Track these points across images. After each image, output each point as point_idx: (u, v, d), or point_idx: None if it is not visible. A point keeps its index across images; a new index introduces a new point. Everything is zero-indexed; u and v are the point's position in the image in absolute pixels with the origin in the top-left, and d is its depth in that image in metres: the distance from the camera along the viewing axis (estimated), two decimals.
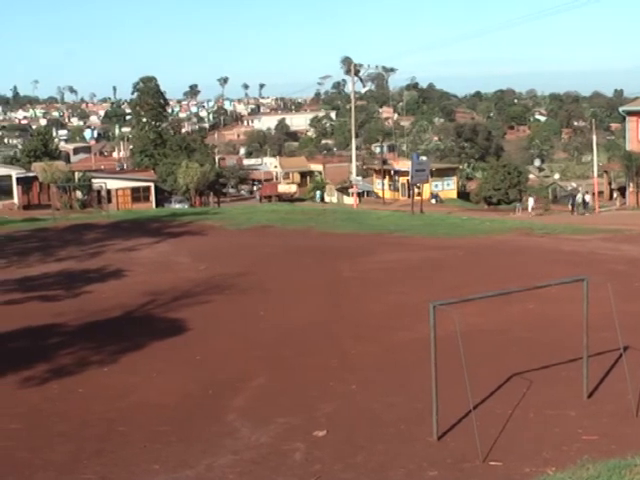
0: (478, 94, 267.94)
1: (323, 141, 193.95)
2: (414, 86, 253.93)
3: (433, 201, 78.25)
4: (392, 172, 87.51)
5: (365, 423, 14.26)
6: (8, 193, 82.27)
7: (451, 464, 12.28)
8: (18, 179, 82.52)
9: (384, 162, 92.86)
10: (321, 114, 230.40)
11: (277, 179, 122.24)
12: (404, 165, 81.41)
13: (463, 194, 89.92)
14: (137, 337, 20.70)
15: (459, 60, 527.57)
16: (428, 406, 13.34)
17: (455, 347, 13.10)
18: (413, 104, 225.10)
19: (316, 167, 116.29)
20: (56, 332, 21.83)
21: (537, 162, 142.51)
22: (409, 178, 67.66)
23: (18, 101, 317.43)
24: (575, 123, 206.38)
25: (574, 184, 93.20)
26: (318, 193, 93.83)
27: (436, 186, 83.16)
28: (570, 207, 68.59)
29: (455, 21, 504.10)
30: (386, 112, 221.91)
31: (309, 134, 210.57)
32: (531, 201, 68.75)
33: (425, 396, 13.75)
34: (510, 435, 13.24)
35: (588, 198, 69.98)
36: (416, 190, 66.57)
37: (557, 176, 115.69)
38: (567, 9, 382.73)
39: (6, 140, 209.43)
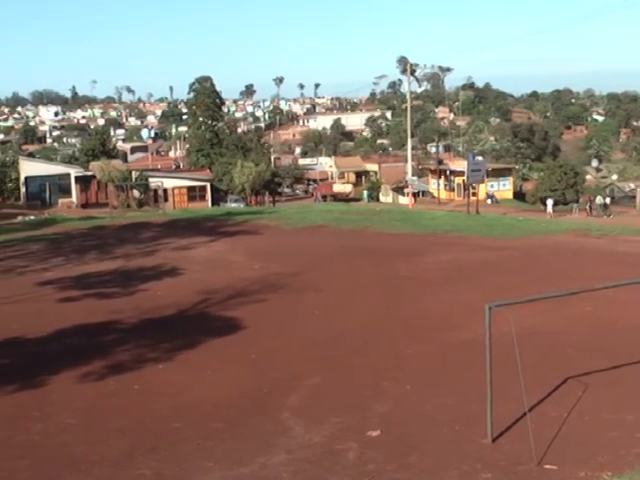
0: (535, 94, 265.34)
1: (378, 141, 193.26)
2: (470, 86, 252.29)
3: (489, 201, 77.56)
4: (448, 172, 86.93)
5: (419, 424, 14.21)
6: (67, 192, 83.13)
7: (505, 467, 12.20)
8: (76, 178, 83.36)
9: (440, 162, 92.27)
10: (376, 114, 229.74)
11: (332, 179, 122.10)
12: (460, 165, 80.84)
13: (519, 195, 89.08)
14: (192, 335, 20.84)
15: (516, 59, 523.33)
16: (482, 407, 13.26)
17: (510, 348, 13.02)
18: (469, 104, 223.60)
19: (371, 167, 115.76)
20: (112, 329, 22.07)
21: (594, 163, 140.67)
22: (465, 178, 67.27)
23: (77, 101, 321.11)
24: (634, 123, 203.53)
25: (632, 185, 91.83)
26: (365, 193, 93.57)
27: (492, 186, 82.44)
28: (588, 209, 67.61)
29: (512, 20, 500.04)
30: (442, 112, 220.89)
31: (364, 134, 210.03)
32: (550, 202, 67.49)
33: (479, 397, 13.66)
34: (565, 438, 13.12)
35: (608, 201, 69.10)
36: (472, 190, 66.17)
37: (615, 177, 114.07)
38: (625, 7, 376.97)
39: (65, 139, 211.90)
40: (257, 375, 17.61)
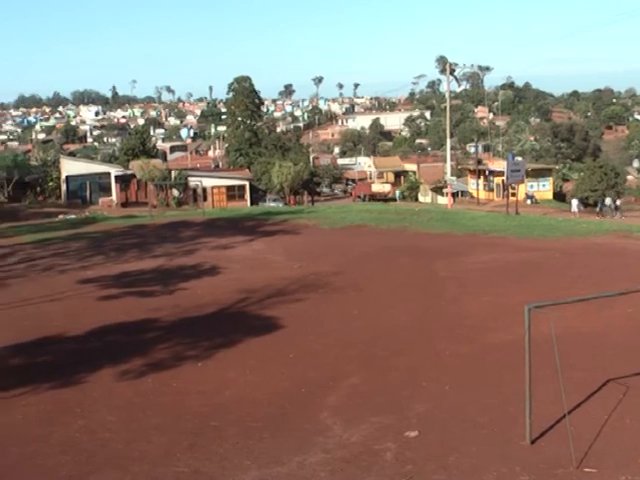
0: (575, 93, 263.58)
1: (417, 141, 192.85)
2: (510, 85, 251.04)
3: (528, 202, 77.00)
4: (487, 172, 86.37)
5: (457, 424, 14.16)
6: (107, 190, 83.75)
7: (544, 469, 12.13)
8: (116, 177, 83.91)
9: (479, 162, 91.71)
10: (415, 113, 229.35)
11: (371, 179, 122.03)
12: (499, 165, 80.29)
13: (559, 195, 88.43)
14: (231, 334, 20.92)
15: (556, 58, 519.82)
16: (521, 409, 13.19)
17: (550, 350, 12.94)
18: (508, 103, 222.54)
19: (410, 167, 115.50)
20: (152, 327, 22.21)
21: (636, 163, 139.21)
22: (504, 178, 66.81)
23: (117, 101, 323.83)
24: None
25: None
26: (397, 192, 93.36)
27: (531, 187, 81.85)
28: (598, 210, 66.84)
29: (553, 18, 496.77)
30: (481, 111, 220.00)
31: (403, 134, 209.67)
32: (574, 202, 66.67)
33: (518, 399, 13.60)
34: (605, 441, 13.01)
35: (619, 202, 68.20)
36: (511, 191, 65.76)
37: None
38: None
39: (105, 139, 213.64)
40: (296, 374, 17.64)
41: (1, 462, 13.15)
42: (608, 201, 68.58)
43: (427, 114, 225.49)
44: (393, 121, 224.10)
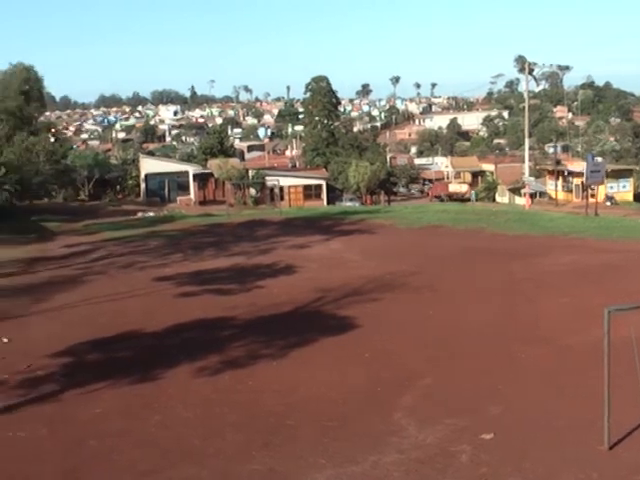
0: None
1: (495, 141, 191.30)
2: (590, 84, 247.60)
3: (608, 203, 75.90)
4: (565, 173, 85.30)
5: (533, 428, 14.01)
6: (185, 189, 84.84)
7: (623, 476, 11.93)
8: (194, 176, 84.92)
9: (557, 162, 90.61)
10: (493, 113, 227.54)
11: (448, 179, 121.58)
12: (578, 166, 79.25)
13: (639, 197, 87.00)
14: (306, 333, 20.97)
15: (637, 57, 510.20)
16: (599, 413, 13.00)
17: (629, 354, 12.74)
18: (588, 103, 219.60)
19: (488, 167, 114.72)
20: (228, 325, 22.38)
21: None
22: (584, 179, 65.93)
23: (195, 100, 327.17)
24: None
25: None
26: (473, 193, 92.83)
27: (611, 188, 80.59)
28: None
29: (634, 16, 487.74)
30: (560, 111, 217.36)
31: (481, 134, 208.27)
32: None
33: (596, 403, 13.40)
34: None
35: None
36: (590, 192, 64.82)
37: None
38: None
39: (183, 138, 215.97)
40: (370, 374, 17.62)
41: (79, 455, 13.38)
42: None
43: (505, 114, 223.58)
44: (471, 121, 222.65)
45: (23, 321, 23.46)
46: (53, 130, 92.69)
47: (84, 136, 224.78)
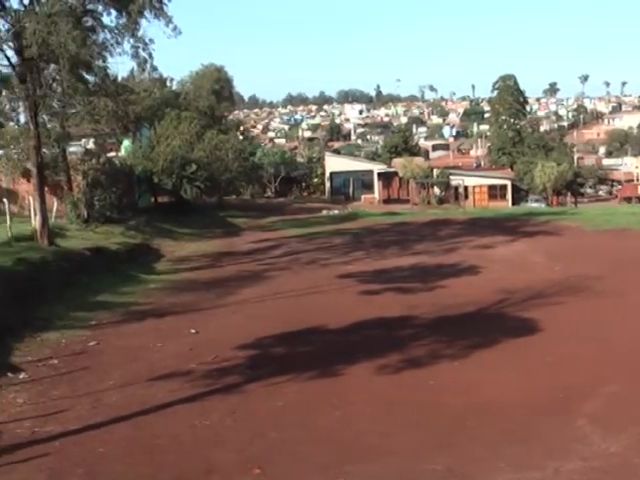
0: None
1: None
2: None
3: None
4: None
5: None
6: (369, 187, 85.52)
7: None
8: (379, 174, 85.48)
9: None
10: None
11: (638, 180, 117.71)
12: None
13: None
14: (488, 334, 20.72)
15: None
16: None
17: None
18: None
19: None
20: (409, 324, 22.40)
21: None
22: None
23: (380, 99, 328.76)
24: None
25: None
26: None
27: None
28: None
29: None
30: None
31: None
32: None
33: None
34: None
35: None
36: None
37: None
38: None
39: (368, 137, 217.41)
40: (552, 379, 17.23)
41: (261, 445, 13.66)
42: None
43: None
44: None
45: (210, 314, 24.21)
46: (242, 128, 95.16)
47: (271, 134, 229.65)
